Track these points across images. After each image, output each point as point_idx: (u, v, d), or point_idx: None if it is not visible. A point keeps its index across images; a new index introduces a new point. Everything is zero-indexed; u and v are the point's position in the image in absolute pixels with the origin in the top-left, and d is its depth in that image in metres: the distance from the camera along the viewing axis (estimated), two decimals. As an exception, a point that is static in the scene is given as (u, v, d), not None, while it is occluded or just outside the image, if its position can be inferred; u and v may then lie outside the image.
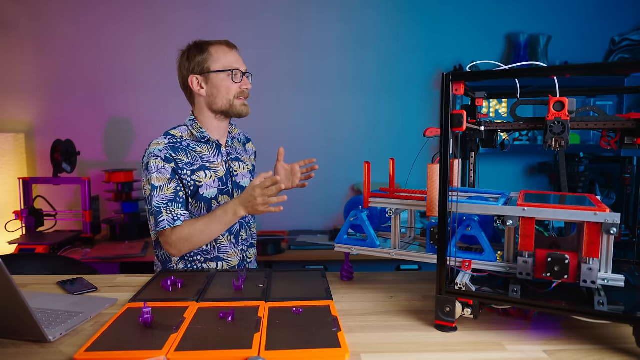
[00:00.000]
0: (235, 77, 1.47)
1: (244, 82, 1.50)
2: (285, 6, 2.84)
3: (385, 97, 2.92)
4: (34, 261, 1.73)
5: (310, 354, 0.84)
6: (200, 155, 1.49)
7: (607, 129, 1.00)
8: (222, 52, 1.48)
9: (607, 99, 2.81)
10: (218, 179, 1.49)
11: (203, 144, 1.51)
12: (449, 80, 0.93)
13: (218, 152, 1.53)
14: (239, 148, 1.64)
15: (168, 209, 1.38)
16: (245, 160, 1.63)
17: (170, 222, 1.37)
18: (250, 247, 1.61)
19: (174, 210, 1.38)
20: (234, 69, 1.47)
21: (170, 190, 1.40)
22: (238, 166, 1.58)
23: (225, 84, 1.47)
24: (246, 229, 1.58)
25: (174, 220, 1.37)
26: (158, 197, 1.39)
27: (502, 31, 2.93)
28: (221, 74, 1.46)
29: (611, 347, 0.90)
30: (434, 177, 0.99)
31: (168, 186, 1.40)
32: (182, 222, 1.38)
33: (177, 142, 1.47)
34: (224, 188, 1.50)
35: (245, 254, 1.57)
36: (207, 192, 1.46)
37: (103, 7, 2.77)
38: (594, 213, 0.87)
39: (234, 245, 1.53)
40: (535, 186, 3.01)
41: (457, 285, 0.96)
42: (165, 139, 1.46)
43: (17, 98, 2.78)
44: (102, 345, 0.87)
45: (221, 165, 1.52)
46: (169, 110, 2.81)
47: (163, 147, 1.42)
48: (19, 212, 2.49)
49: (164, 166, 1.41)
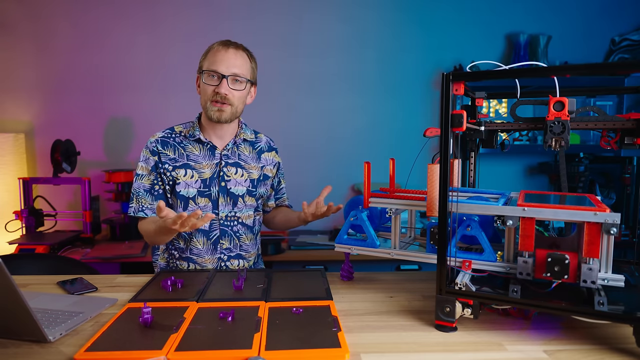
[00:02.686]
0: (207, 79, 1.42)
1: (220, 85, 1.40)
2: (285, 7, 2.84)
3: (385, 97, 2.92)
4: (34, 261, 1.73)
5: (310, 354, 0.84)
6: (188, 154, 1.48)
7: (607, 129, 1.00)
8: (213, 52, 1.44)
9: (607, 99, 2.81)
10: (201, 180, 1.47)
11: (195, 142, 1.50)
12: (449, 80, 0.93)
13: (210, 153, 1.49)
14: (247, 154, 1.55)
15: (139, 198, 1.47)
16: (250, 167, 1.53)
17: (135, 211, 1.46)
18: (236, 257, 1.51)
19: (142, 201, 1.47)
20: (210, 70, 1.41)
21: (147, 182, 1.48)
22: (234, 172, 1.50)
23: (203, 85, 1.45)
24: (231, 239, 1.50)
25: (138, 210, 1.46)
26: (136, 184, 1.48)
27: (502, 31, 2.93)
28: (204, 74, 1.44)
29: (611, 347, 0.90)
30: (434, 177, 0.99)
31: (148, 177, 1.48)
32: (147, 215, 1.45)
33: (171, 136, 1.50)
34: (206, 191, 1.47)
35: (225, 263, 1.50)
36: (186, 191, 1.46)
37: (103, 7, 2.77)
38: (594, 213, 0.87)
39: (210, 251, 1.48)
40: (535, 186, 3.01)
41: (457, 285, 0.96)
42: (162, 132, 1.52)
43: (17, 98, 2.78)
44: (102, 345, 0.87)
45: (209, 167, 1.48)
46: (169, 110, 2.82)
47: (154, 140, 1.49)
48: (19, 212, 2.49)
49: (149, 158, 1.48)
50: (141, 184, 1.47)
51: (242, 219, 1.52)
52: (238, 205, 1.50)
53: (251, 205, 1.54)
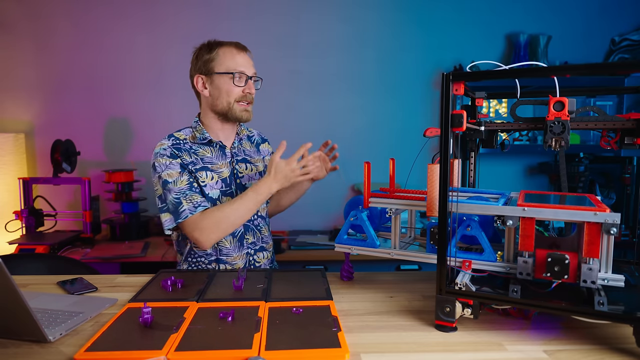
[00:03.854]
0: (238, 81, 1.45)
1: (247, 86, 1.47)
2: (285, 7, 2.84)
3: (385, 97, 2.92)
4: (34, 261, 1.73)
5: (310, 354, 0.84)
6: (202, 157, 1.48)
7: (607, 129, 1.00)
8: (229, 54, 1.46)
9: (607, 99, 2.81)
10: (221, 180, 1.48)
11: (205, 145, 1.50)
12: (449, 80, 0.93)
13: (222, 153, 1.52)
14: (249, 149, 1.61)
15: (187, 198, 1.38)
16: (255, 161, 1.60)
17: (191, 209, 1.37)
18: (260, 250, 1.56)
19: (194, 198, 1.38)
20: (237, 72, 1.45)
21: (184, 182, 1.41)
22: (244, 168, 1.55)
23: (227, 86, 1.45)
24: (254, 232, 1.54)
25: (195, 208, 1.37)
26: (174, 191, 1.39)
27: (502, 31, 2.93)
28: (224, 76, 1.44)
29: (611, 347, 0.90)
30: (434, 177, 0.99)
31: (181, 179, 1.41)
32: (204, 208, 1.38)
33: (180, 143, 1.47)
34: (227, 189, 1.49)
35: (252, 257, 1.53)
36: (212, 193, 1.46)
37: (103, 7, 2.77)
38: (594, 213, 0.87)
39: (238, 248, 1.50)
40: (535, 186, 3.01)
41: (457, 285, 0.96)
42: (168, 140, 1.47)
43: (17, 98, 2.78)
44: (102, 345, 0.87)
45: (225, 166, 1.50)
46: (169, 110, 2.82)
47: (167, 146, 1.45)
48: (19, 212, 2.49)
49: (171, 162, 1.42)
50: (178, 188, 1.39)
51: (260, 212, 1.55)
52: None
53: None
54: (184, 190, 1.39)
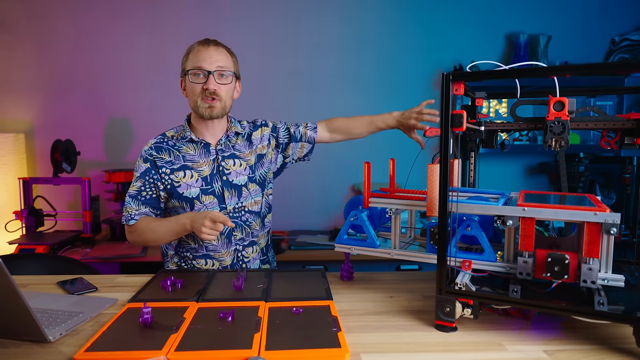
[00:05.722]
0: (193, 77, 1.44)
1: (208, 81, 1.43)
2: (285, 7, 2.83)
3: (385, 97, 2.92)
4: (34, 261, 1.73)
5: (310, 354, 0.84)
6: (184, 155, 1.50)
7: (607, 129, 1.00)
8: (193, 52, 1.46)
9: (607, 99, 2.81)
10: (202, 178, 1.49)
11: (189, 143, 1.51)
12: (449, 80, 0.93)
13: (206, 151, 1.51)
14: (240, 144, 1.58)
15: (127, 206, 1.47)
16: (245, 156, 1.55)
17: (126, 219, 1.46)
18: (249, 245, 1.56)
19: (129, 209, 1.46)
20: (194, 68, 1.43)
21: (134, 188, 1.48)
22: (232, 164, 1.53)
23: (190, 85, 1.46)
24: (242, 228, 1.53)
25: (127, 219, 1.46)
26: (128, 193, 1.49)
27: (502, 31, 2.93)
28: (190, 74, 1.45)
29: (611, 347, 0.90)
30: (434, 177, 0.99)
31: (134, 184, 1.49)
32: (136, 220, 1.45)
33: (164, 141, 1.51)
34: (209, 188, 1.49)
35: (241, 253, 1.53)
36: (188, 192, 1.47)
37: (103, 7, 2.77)
38: (594, 213, 0.87)
39: (225, 244, 1.51)
40: (535, 186, 3.01)
41: (457, 285, 0.96)
42: (154, 139, 1.53)
43: (17, 98, 2.78)
44: (102, 345, 0.87)
45: (206, 164, 1.50)
46: (168, 111, 2.81)
47: (148, 148, 1.50)
48: (19, 212, 2.49)
49: (140, 165, 1.49)
50: (130, 192, 1.49)
51: (248, 207, 1.54)
52: (243, 195, 1.52)
53: (255, 191, 1.55)
54: (130, 197, 1.48)
